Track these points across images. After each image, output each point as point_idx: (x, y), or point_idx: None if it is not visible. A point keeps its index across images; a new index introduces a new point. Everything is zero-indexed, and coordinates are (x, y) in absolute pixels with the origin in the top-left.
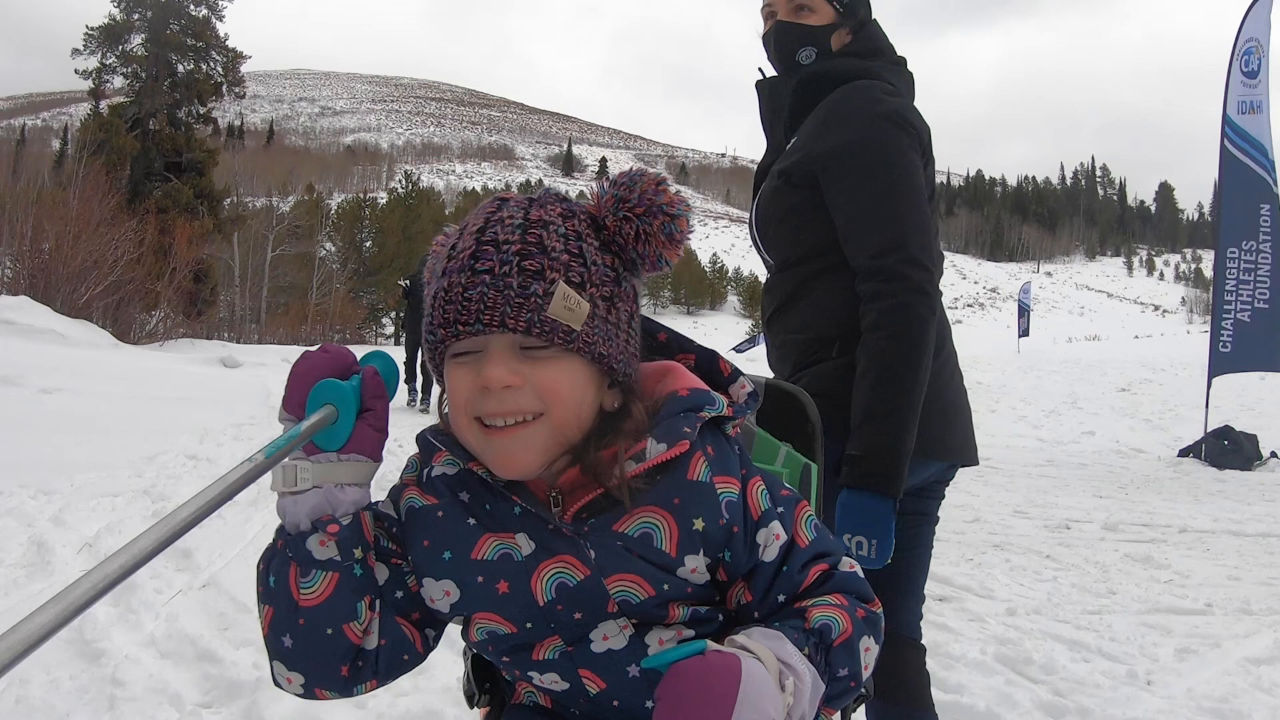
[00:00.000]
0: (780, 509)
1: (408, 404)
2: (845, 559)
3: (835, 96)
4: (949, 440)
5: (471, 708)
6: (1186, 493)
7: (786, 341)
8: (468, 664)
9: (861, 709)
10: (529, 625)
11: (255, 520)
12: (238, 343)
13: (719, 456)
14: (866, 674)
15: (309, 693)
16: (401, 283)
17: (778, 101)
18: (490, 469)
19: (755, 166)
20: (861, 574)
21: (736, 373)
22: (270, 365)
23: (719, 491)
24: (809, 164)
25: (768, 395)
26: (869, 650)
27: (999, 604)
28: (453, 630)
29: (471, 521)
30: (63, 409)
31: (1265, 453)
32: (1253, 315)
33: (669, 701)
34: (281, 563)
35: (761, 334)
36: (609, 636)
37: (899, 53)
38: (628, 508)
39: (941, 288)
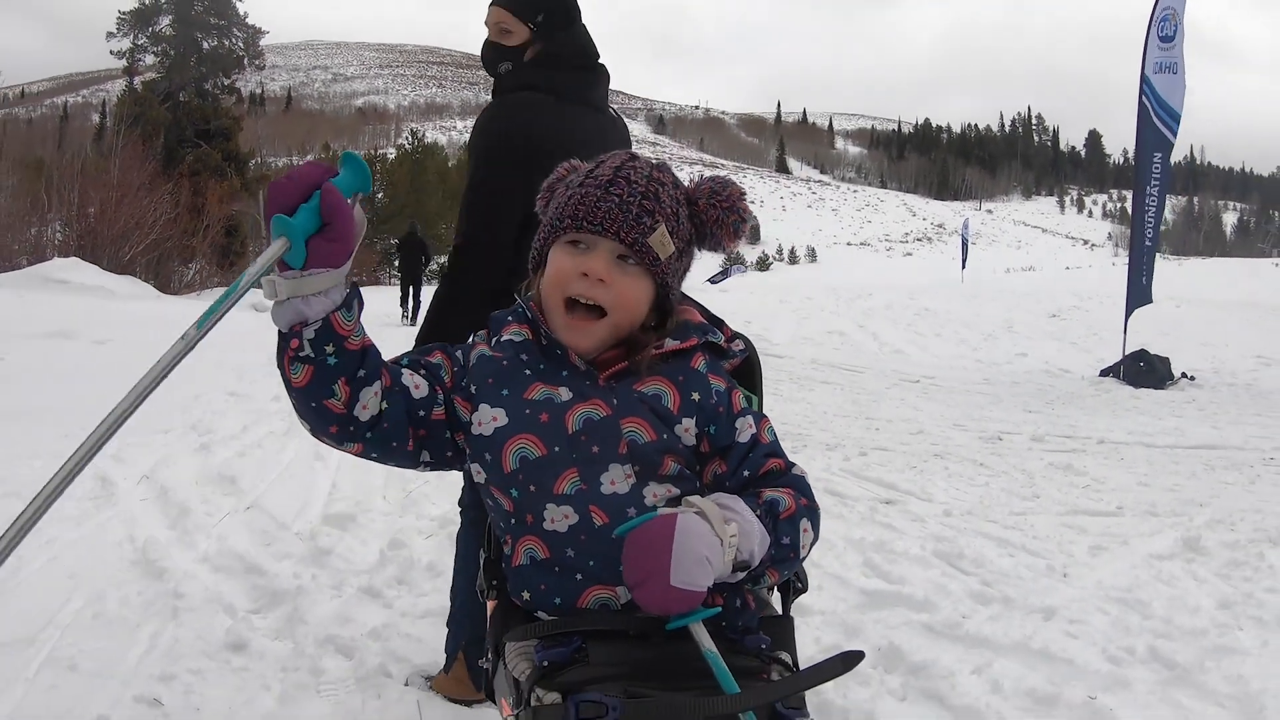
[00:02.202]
0: (752, 414)
1: (400, 322)
2: (797, 467)
3: (484, 109)
4: None
5: (482, 600)
6: (1106, 408)
7: None
8: (482, 565)
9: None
10: (556, 449)
11: (290, 449)
12: None
13: (713, 364)
14: (804, 552)
15: (315, 436)
16: (393, 240)
17: None
18: (559, 337)
19: (726, 117)
20: (808, 480)
21: (735, 336)
22: None
23: (712, 382)
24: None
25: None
26: (807, 532)
27: (937, 506)
28: None
29: (528, 373)
30: (115, 357)
31: (1176, 373)
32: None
33: (627, 560)
34: (280, 353)
35: (735, 267)
36: (615, 482)
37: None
38: (641, 375)
39: (898, 226)
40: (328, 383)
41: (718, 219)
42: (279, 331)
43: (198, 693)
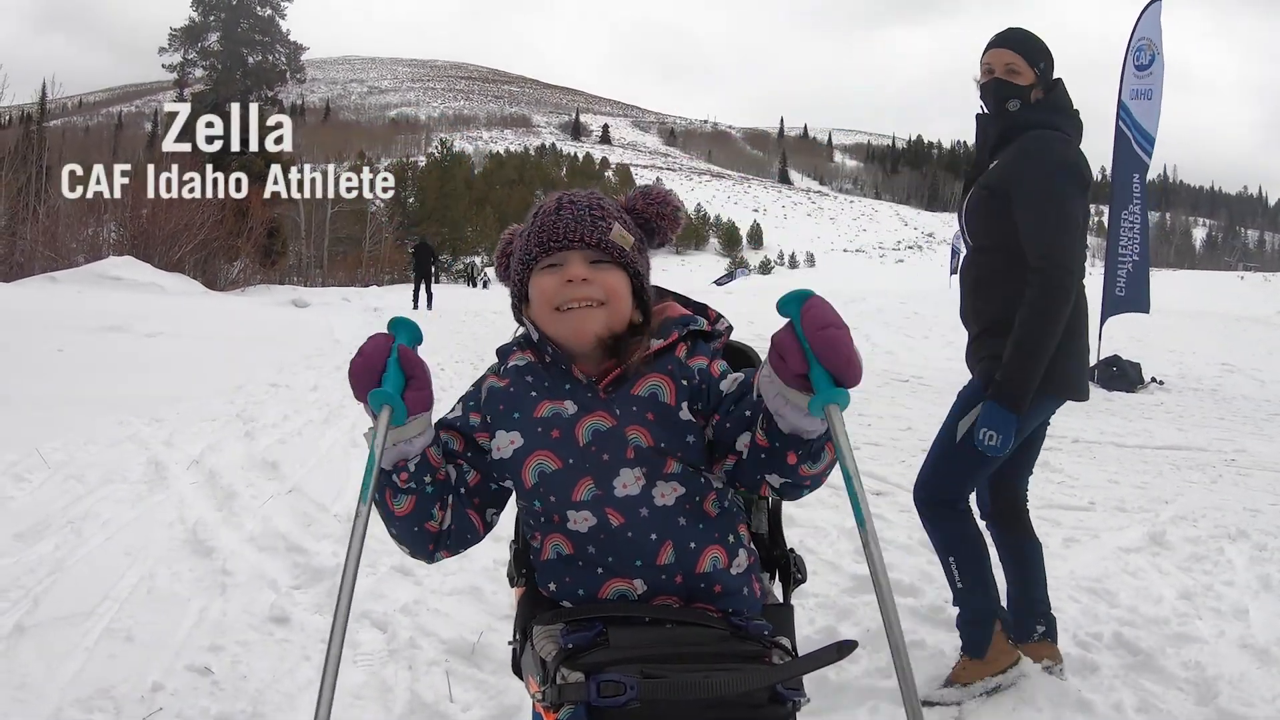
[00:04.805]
0: (734, 373)
1: (412, 311)
2: None
3: (1029, 140)
4: (1060, 379)
5: (512, 587)
6: (1080, 410)
7: (979, 309)
8: (512, 555)
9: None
10: (571, 461)
11: (328, 437)
12: (305, 286)
13: (695, 348)
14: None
15: (416, 557)
16: (410, 249)
17: (987, 131)
18: (563, 341)
19: (732, 131)
20: None
21: (720, 317)
22: (333, 305)
23: (694, 364)
24: (1006, 185)
25: (730, 351)
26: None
27: None
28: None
29: (534, 393)
30: (165, 349)
31: (1146, 378)
32: (1134, 266)
33: (817, 309)
34: (380, 490)
35: (740, 270)
36: (627, 485)
37: (1073, 108)
38: (631, 374)
39: (891, 235)
40: (429, 508)
41: (657, 212)
42: (380, 470)
43: (244, 662)
